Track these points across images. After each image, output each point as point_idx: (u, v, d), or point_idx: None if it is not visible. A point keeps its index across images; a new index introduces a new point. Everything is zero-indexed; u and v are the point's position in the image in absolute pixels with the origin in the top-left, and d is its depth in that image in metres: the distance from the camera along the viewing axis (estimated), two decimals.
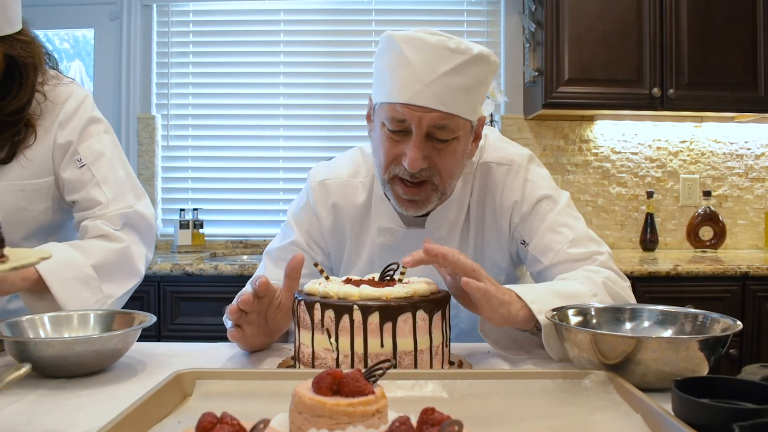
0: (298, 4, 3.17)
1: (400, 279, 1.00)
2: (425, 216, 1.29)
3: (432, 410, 0.55)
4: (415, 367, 0.92)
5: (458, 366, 1.00)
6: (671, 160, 3.13)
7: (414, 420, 0.55)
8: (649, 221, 3.03)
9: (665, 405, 0.73)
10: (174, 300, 2.54)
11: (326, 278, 1.01)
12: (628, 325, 1.02)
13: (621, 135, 3.12)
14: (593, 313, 1.03)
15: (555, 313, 0.98)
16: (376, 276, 1.04)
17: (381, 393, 0.66)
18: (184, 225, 3.01)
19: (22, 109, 1.26)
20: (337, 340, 0.92)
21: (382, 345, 0.91)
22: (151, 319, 1.03)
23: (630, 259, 2.65)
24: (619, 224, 3.14)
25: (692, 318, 0.98)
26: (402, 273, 1.01)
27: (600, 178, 3.13)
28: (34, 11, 1.94)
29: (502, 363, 1.05)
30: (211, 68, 3.17)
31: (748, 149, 3.14)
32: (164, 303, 2.53)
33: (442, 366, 0.97)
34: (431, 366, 0.94)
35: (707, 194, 2.99)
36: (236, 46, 3.16)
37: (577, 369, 0.89)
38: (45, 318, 1.06)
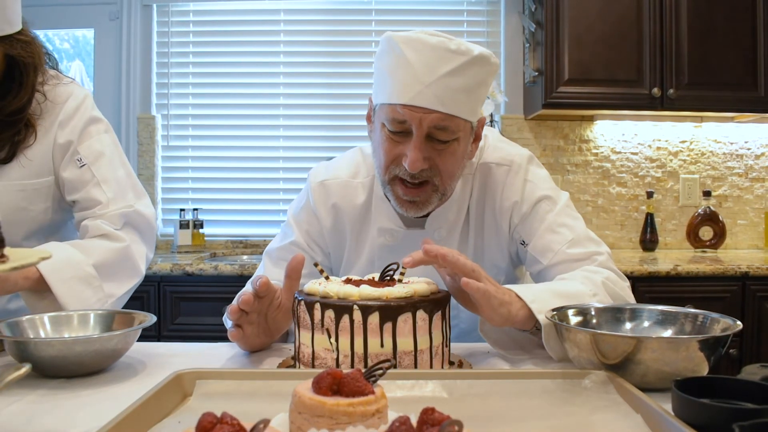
0: (298, 4, 3.17)
1: (400, 279, 1.00)
2: (425, 217, 1.29)
3: (432, 410, 0.55)
4: (415, 367, 0.92)
5: (458, 366, 1.00)
6: (671, 160, 3.13)
7: (414, 420, 0.55)
8: (649, 221, 3.03)
9: (665, 405, 0.73)
10: (174, 300, 2.54)
11: (326, 278, 1.01)
12: (628, 325, 1.02)
13: (621, 135, 3.13)
14: (593, 313, 1.03)
15: (555, 313, 0.98)
16: (376, 276, 1.05)
17: (381, 393, 0.66)
18: (184, 225, 3.01)
19: (22, 109, 1.26)
20: (337, 340, 0.92)
21: (382, 345, 0.91)
22: (151, 319, 1.03)
23: (630, 259, 2.65)
24: (619, 224, 3.14)
25: (692, 318, 0.98)
26: (402, 273, 1.01)
27: (600, 178, 3.13)
28: (34, 11, 1.94)
29: (502, 363, 1.05)
30: (211, 68, 3.17)
31: (748, 149, 3.14)
32: (164, 303, 2.53)
33: (442, 366, 0.97)
34: (431, 366, 0.94)
35: (707, 194, 2.99)
36: (236, 46, 3.16)
37: (577, 369, 0.89)
38: (45, 318, 1.06)
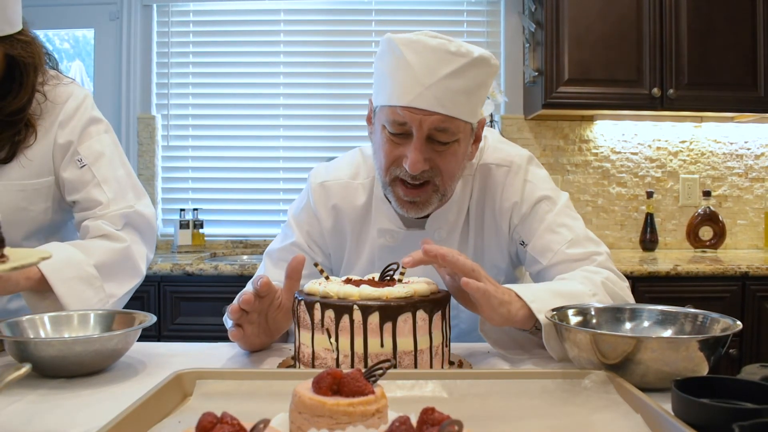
0: (298, 4, 3.17)
1: (400, 279, 1.00)
2: (425, 218, 1.29)
3: (432, 410, 0.55)
4: (415, 367, 0.92)
5: (458, 366, 1.00)
6: (671, 160, 3.13)
7: (414, 420, 0.56)
8: (649, 221, 3.03)
9: (665, 405, 0.73)
10: (174, 300, 2.54)
11: (326, 278, 1.01)
12: (628, 325, 1.02)
13: (621, 135, 3.13)
14: (593, 313, 1.03)
15: (555, 313, 0.98)
16: (376, 276, 1.05)
17: (381, 393, 0.66)
18: (184, 225, 3.01)
19: (23, 109, 1.26)
20: (337, 340, 0.92)
21: (382, 345, 0.91)
22: (151, 319, 1.03)
23: (630, 259, 2.65)
24: (619, 224, 3.14)
25: (692, 318, 0.98)
26: (402, 273, 1.01)
27: (600, 178, 3.13)
28: (34, 11, 1.94)
29: (502, 363, 1.05)
30: (211, 68, 3.17)
31: (748, 149, 3.14)
32: (164, 303, 2.53)
33: (442, 366, 0.97)
34: (431, 366, 0.94)
35: (707, 194, 2.99)
36: (236, 46, 3.16)
37: (577, 369, 0.89)
38: (45, 318, 1.06)
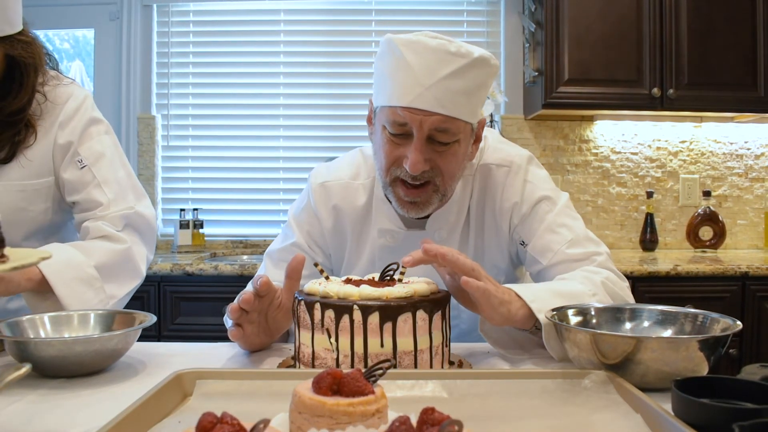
0: (298, 4, 3.17)
1: (400, 279, 1.00)
2: (426, 218, 1.29)
3: (432, 410, 0.55)
4: (415, 367, 0.92)
5: (458, 366, 1.00)
6: (671, 160, 3.13)
7: (414, 420, 0.56)
8: (649, 221, 3.03)
9: (665, 405, 0.73)
10: (174, 300, 2.54)
11: (326, 278, 1.01)
12: (628, 325, 1.02)
13: (621, 135, 3.13)
14: (593, 313, 1.03)
15: (555, 313, 0.98)
16: (376, 276, 1.05)
17: (381, 393, 0.66)
18: (184, 225, 3.01)
19: (23, 110, 1.26)
20: (337, 340, 0.92)
21: (382, 345, 0.91)
22: (151, 319, 1.03)
23: (630, 259, 2.65)
24: (619, 224, 3.14)
25: (692, 318, 0.98)
26: (402, 273, 1.01)
27: (600, 178, 3.13)
28: (34, 11, 1.94)
29: (502, 363, 1.05)
30: (211, 68, 3.17)
31: (748, 149, 3.14)
32: (164, 303, 2.53)
33: (442, 366, 0.97)
34: (431, 366, 0.94)
35: (707, 194, 2.99)
36: (236, 46, 3.16)
37: (577, 369, 0.89)
38: (45, 318, 1.06)
